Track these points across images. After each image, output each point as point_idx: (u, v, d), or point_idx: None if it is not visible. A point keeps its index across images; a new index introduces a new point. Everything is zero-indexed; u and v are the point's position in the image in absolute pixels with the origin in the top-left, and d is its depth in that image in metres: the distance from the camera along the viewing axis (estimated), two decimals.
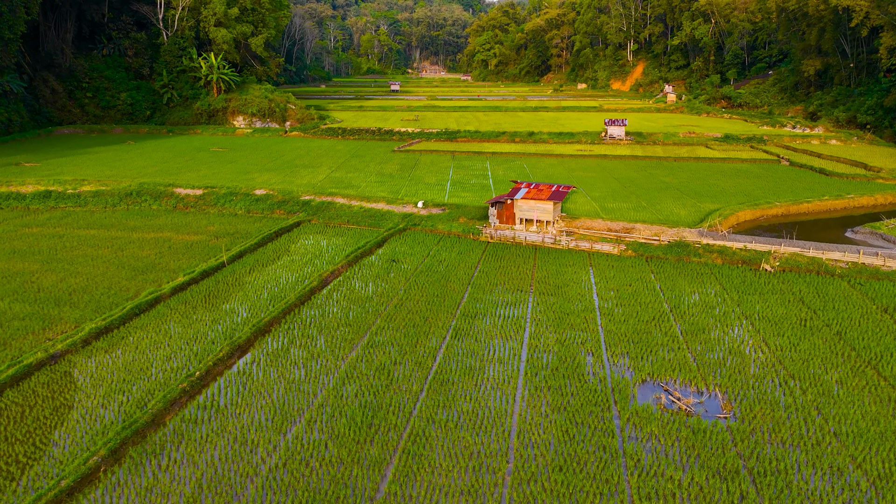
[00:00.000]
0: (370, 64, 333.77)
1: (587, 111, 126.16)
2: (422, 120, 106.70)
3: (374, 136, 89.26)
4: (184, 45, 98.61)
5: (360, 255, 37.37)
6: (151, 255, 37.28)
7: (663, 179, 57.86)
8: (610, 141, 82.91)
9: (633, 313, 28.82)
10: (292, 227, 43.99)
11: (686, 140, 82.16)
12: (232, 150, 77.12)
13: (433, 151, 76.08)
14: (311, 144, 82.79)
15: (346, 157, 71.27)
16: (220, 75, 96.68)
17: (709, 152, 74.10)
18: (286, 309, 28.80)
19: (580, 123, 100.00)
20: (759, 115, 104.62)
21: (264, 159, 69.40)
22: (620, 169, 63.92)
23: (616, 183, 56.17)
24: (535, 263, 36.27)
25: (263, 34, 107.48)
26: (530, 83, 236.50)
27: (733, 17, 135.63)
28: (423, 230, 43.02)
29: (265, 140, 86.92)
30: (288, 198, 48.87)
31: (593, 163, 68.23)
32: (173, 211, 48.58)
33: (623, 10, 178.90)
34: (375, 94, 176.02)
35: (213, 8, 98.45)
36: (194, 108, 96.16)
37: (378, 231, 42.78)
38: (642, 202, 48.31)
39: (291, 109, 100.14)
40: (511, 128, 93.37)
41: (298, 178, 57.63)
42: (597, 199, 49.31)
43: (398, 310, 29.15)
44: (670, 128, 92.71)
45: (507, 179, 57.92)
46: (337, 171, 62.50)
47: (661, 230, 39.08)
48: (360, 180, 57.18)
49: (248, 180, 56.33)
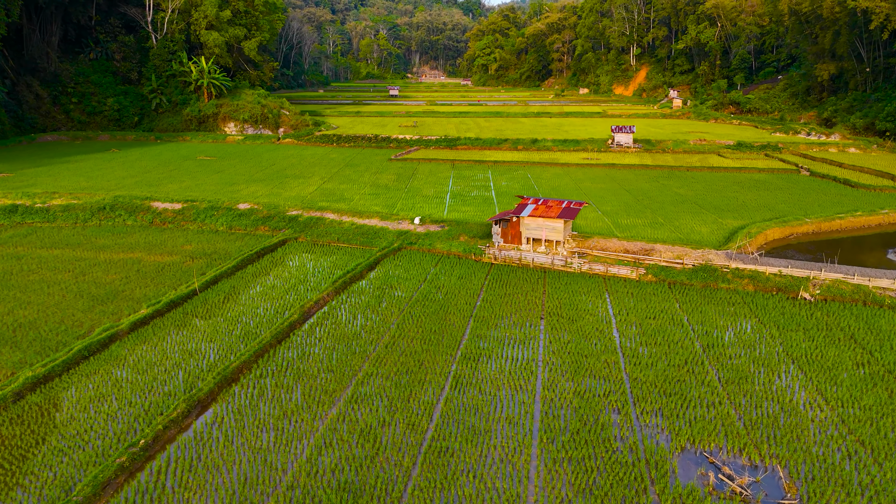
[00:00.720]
0: (369, 69, 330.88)
1: (591, 117, 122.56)
2: (420, 126, 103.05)
3: (370, 144, 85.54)
4: (173, 49, 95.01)
5: (350, 279, 33.48)
6: (116, 280, 33.38)
7: (678, 191, 54.05)
8: (617, 149, 79.19)
9: (660, 355, 24.93)
10: (277, 245, 40.12)
11: (697, 148, 78.43)
12: (220, 158, 73.34)
13: (432, 160, 72.31)
14: (304, 152, 79.02)
15: (339, 167, 67.48)
16: (210, 80, 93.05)
17: (722, 161, 70.34)
18: (260, 350, 24.89)
19: (585, 130, 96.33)
20: (770, 121, 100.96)
21: (253, 169, 65.61)
22: (631, 179, 60.12)
23: (628, 196, 52.35)
24: (545, 290, 32.40)
25: (257, 38, 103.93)
26: (531, 88, 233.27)
27: (740, 20, 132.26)
28: (420, 250, 39.17)
29: (256, 148, 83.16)
30: (274, 213, 45.02)
31: (601, 173, 64.43)
32: (149, 227, 44.71)
33: (626, 13, 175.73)
34: (374, 99, 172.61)
35: (205, 10, 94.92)
36: (184, 114, 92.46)
37: (370, 251, 38.91)
38: (658, 218, 44.45)
39: (285, 115, 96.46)
40: (513, 134, 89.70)
41: (287, 190, 53.80)
42: (609, 215, 45.46)
43: (389, 350, 25.25)
44: (679, 135, 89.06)
45: (510, 191, 54.11)
46: (329, 181, 58.68)
47: (683, 252, 35.22)
48: (354, 192, 53.35)
49: (233, 192, 52.51)
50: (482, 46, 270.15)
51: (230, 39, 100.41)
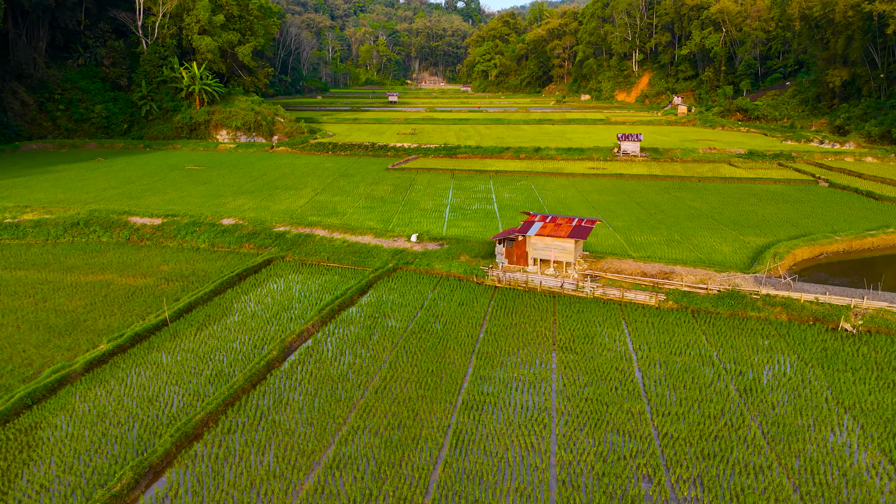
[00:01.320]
0: (369, 75, 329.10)
1: (594, 124, 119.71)
2: (419, 134, 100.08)
3: (366, 152, 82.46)
4: (164, 54, 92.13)
5: (338, 306, 30.22)
6: (80, 307, 30.12)
7: (691, 204, 50.87)
8: (623, 157, 76.11)
9: (692, 402, 21.65)
10: (261, 266, 36.88)
11: (707, 157, 75.36)
12: (210, 167, 70.21)
13: (430, 170, 69.18)
14: (297, 161, 75.91)
15: (333, 177, 64.32)
16: (202, 86, 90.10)
17: (734, 171, 67.24)
18: (231, 396, 21.61)
19: (589, 138, 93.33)
20: (779, 128, 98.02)
21: (242, 179, 62.45)
22: (641, 191, 56.96)
23: (639, 209, 49.16)
24: (556, 319, 29.14)
25: (251, 43, 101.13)
26: (531, 94, 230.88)
27: (746, 25, 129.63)
28: (418, 271, 35.94)
29: (248, 156, 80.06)
30: (260, 229, 41.79)
31: (608, 183, 61.28)
32: (125, 245, 41.49)
33: (628, 19, 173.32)
34: (372, 105, 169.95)
35: (197, 15, 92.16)
36: (174, 121, 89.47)
37: (363, 272, 35.68)
38: (674, 235, 41.24)
39: (279, 122, 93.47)
40: (515, 142, 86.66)
41: (276, 203, 50.61)
42: (621, 231, 42.24)
43: (380, 397, 21.97)
44: (686, 142, 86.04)
45: (513, 204, 50.93)
46: (322, 193, 55.50)
47: (707, 275, 31.98)
48: (347, 206, 50.15)
49: (219, 206, 49.31)
50: (482, 52, 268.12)
51: (223, 44, 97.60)
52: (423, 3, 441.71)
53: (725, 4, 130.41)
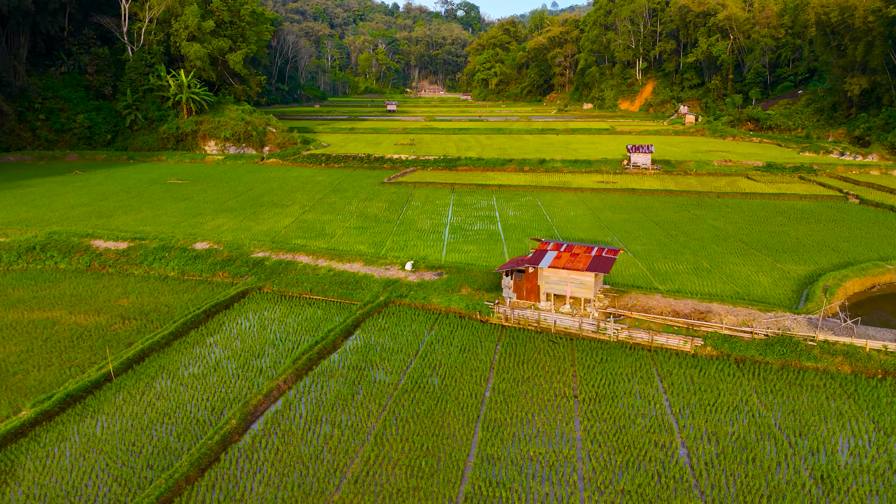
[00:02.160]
0: (368, 83, 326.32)
1: (599, 133, 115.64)
2: (418, 144, 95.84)
3: (361, 164, 78.10)
4: (151, 62, 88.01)
5: (318, 353, 25.63)
6: (13, 355, 25.52)
7: (715, 224, 46.35)
8: (634, 170, 71.75)
9: (759, 498, 16.99)
10: (234, 299, 32.30)
11: (722, 170, 70.99)
12: (194, 181, 65.77)
13: (429, 184, 64.75)
14: (287, 174, 71.50)
15: (324, 192, 59.87)
16: (190, 95, 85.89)
17: (754, 185, 62.84)
18: (169, 490, 16.95)
19: (595, 148, 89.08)
20: (794, 139, 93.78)
21: (226, 195, 57.99)
22: (657, 208, 52.47)
23: (658, 230, 44.61)
24: (575, 371, 24.55)
25: (243, 50, 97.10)
26: (532, 103, 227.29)
27: (754, 32, 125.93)
28: (413, 305, 31.37)
29: (236, 169, 75.64)
30: (236, 255, 37.24)
31: (621, 199, 56.82)
32: (84, 273, 36.92)
33: (631, 26, 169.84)
34: (370, 114, 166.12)
35: (185, 20, 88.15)
36: (160, 131, 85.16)
37: (350, 307, 31.12)
38: (703, 262, 36.68)
39: (271, 133, 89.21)
40: (518, 154, 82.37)
41: (259, 223, 46.08)
42: (641, 257, 37.68)
43: (360, 490, 17.31)
44: (698, 154, 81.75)
45: (519, 224, 46.40)
46: (310, 211, 50.99)
47: (749, 315, 27.39)
48: (336, 226, 45.60)
49: (196, 226, 44.79)
50: (482, 61, 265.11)
51: (213, 52, 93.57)
52: (423, 12, 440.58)
53: (733, 11, 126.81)
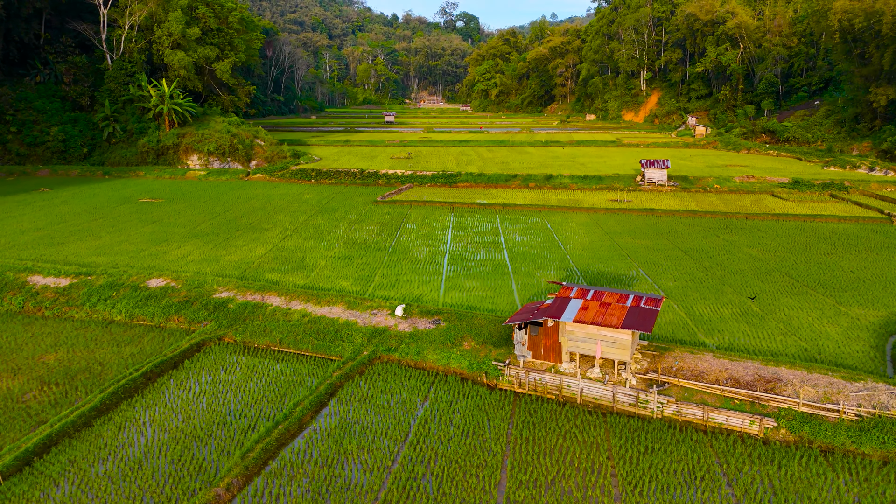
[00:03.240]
0: (366, 94, 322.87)
1: (605, 146, 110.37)
2: (415, 158, 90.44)
3: (354, 180, 72.54)
4: (132, 71, 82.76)
5: (279, 439, 19.76)
6: None
7: (751, 252, 40.61)
8: (649, 187, 66.20)
9: None
10: (187, 353, 26.45)
11: (745, 186, 65.42)
12: (169, 200, 60.14)
13: (426, 203, 59.10)
14: (273, 192, 65.88)
15: (310, 213, 54.19)
16: (172, 105, 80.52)
17: (783, 205, 57.26)
18: None
19: (603, 162, 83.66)
20: (814, 152, 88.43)
21: (201, 216, 52.29)
22: (681, 233, 46.75)
23: (688, 260, 38.84)
24: (614, 466, 18.68)
25: (230, 58, 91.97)
26: (533, 114, 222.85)
27: (765, 41, 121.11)
28: (403, 363, 25.57)
29: (217, 186, 70.02)
30: (196, 294, 31.43)
31: (639, 221, 51.13)
32: (15, 316, 31.10)
33: (635, 36, 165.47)
34: (367, 125, 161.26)
35: (169, 27, 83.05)
36: (139, 144, 79.68)
37: (326, 365, 25.32)
38: (750, 303, 30.87)
39: (259, 146, 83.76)
40: (522, 168, 76.90)
41: (231, 252, 40.31)
42: (676, 296, 31.89)
43: None
44: (715, 168, 76.30)
45: (528, 252, 40.63)
46: (292, 236, 45.25)
47: (830, 384, 21.55)
48: (319, 255, 39.83)
49: (158, 255, 39.03)
50: (482, 71, 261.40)
51: (199, 60, 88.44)
52: (423, 23, 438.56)
53: (743, 19, 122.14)
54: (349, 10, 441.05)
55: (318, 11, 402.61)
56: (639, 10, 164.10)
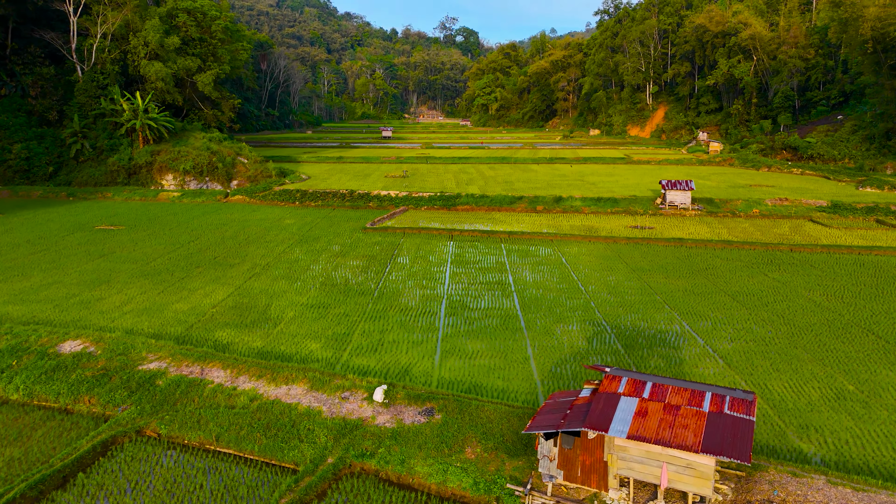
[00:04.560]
0: (365, 108, 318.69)
1: (614, 163, 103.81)
2: (412, 176, 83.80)
3: (343, 203, 65.67)
4: (104, 83, 76.33)
5: None
6: None
7: (813, 298, 33.50)
8: (670, 211, 59.35)
9: None
10: (84, 461, 19.21)
11: (779, 211, 58.55)
12: (130, 227, 53.16)
13: (422, 230, 52.12)
14: (250, 216, 58.95)
15: (288, 243, 47.16)
16: (146, 120, 73.92)
17: (827, 233, 50.33)
18: None
19: (615, 182, 76.98)
20: (843, 170, 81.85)
21: (161, 248, 45.24)
22: (720, 270, 39.67)
23: (739, 309, 31.70)
24: None
25: (213, 70, 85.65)
26: (535, 129, 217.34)
27: (781, 53, 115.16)
28: (382, 476, 18.36)
29: (190, 210, 63.07)
30: (119, 364, 24.26)
31: (668, 255, 44.08)
32: None
33: (641, 48, 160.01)
34: (364, 141, 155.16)
35: (145, 36, 76.79)
36: (108, 163, 72.95)
37: (276, 478, 18.06)
38: (839, 377, 23.65)
39: (241, 164, 77.05)
40: (527, 188, 70.13)
41: (182, 297, 33.20)
42: (739, 367, 24.67)
43: None
44: (739, 189, 69.58)
45: (543, 298, 33.50)
46: (261, 274, 38.17)
47: None
48: (288, 302, 32.71)
49: (89, 304, 31.93)
50: (482, 86, 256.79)
51: (179, 72, 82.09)
52: (422, 38, 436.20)
53: (757, 30, 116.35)
54: (348, 25, 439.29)
55: (317, 26, 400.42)
56: (644, 22, 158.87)
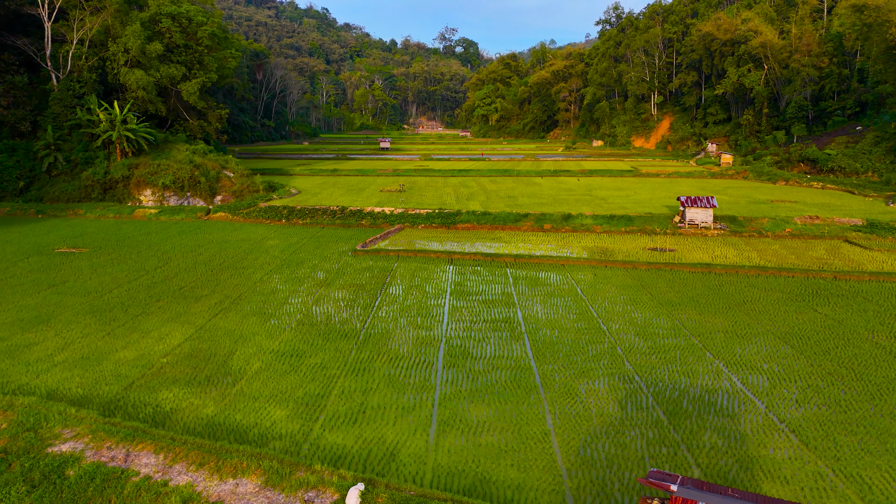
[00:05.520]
0: (364, 119, 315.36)
1: (622, 176, 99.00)
2: (409, 190, 78.91)
3: (333, 220, 60.58)
4: (80, 92, 71.52)
5: None
6: None
7: (883, 344, 28.15)
8: (690, 230, 54.25)
9: None
10: None
11: (810, 230, 53.44)
12: (95, 250, 47.97)
13: (418, 253, 46.94)
14: (231, 237, 53.80)
15: (267, 269, 41.96)
16: (124, 132, 69.02)
17: (870, 257, 45.19)
18: None
19: (626, 197, 72.00)
20: (867, 184, 76.96)
21: (121, 276, 40.00)
22: (759, 303, 34.41)
23: (797, 358, 26.36)
24: None
25: (199, 78, 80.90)
26: (536, 139, 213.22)
27: (793, 62, 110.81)
28: None
29: (167, 228, 57.91)
30: (24, 446, 18.87)
31: (696, 283, 38.85)
32: None
33: (646, 57, 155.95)
34: (361, 152, 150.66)
35: (125, 42, 72.11)
36: (82, 177, 67.95)
37: None
38: None
39: (226, 178, 72.07)
40: (532, 204, 65.09)
41: (129, 343, 27.88)
42: (814, 443, 19.29)
43: None
44: (761, 205, 64.58)
45: (560, 342, 28.22)
46: (229, 310, 32.90)
47: None
48: (255, 349, 27.39)
49: (12, 353, 26.61)
50: (482, 96, 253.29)
51: (162, 80, 77.36)
52: (421, 48, 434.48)
53: (768, 38, 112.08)
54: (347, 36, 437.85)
55: (316, 37, 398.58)
56: (648, 30, 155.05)
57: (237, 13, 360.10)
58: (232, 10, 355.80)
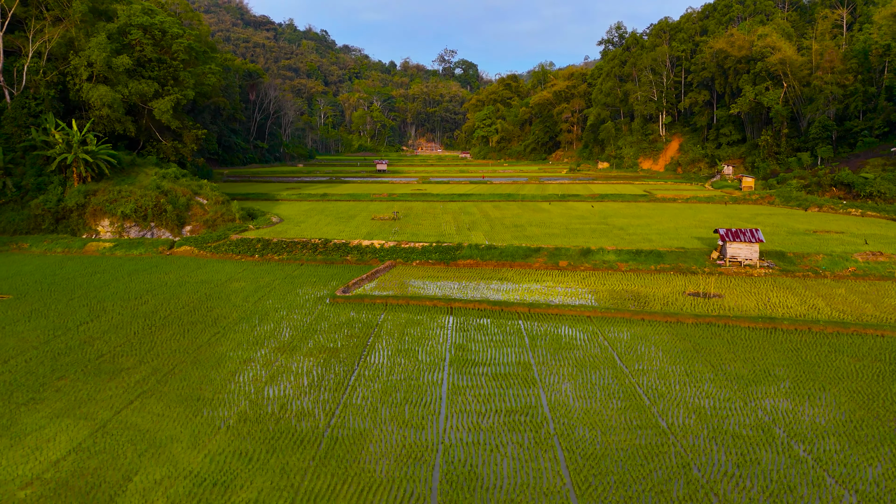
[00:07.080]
0: (362, 141, 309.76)
1: (636, 201, 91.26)
2: (404, 217, 70.93)
3: (314, 256, 52.36)
4: (36, 110, 63.98)
5: None
6: None
7: None
8: (732, 268, 46.02)
9: None
10: None
11: (875, 270, 45.21)
12: (18, 297, 39.59)
13: (410, 300, 38.56)
14: (190, 277, 45.46)
15: (221, 326, 33.51)
16: (82, 154, 61.22)
17: None
18: None
19: (648, 226, 63.96)
20: None
21: (32, 335, 31.52)
22: (854, 377, 25.97)
23: None
24: None
25: (173, 95, 73.40)
26: (537, 161, 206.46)
27: (814, 79, 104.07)
28: None
29: (119, 267, 49.56)
30: None
31: (764, 344, 30.42)
32: None
33: (653, 76, 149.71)
34: (356, 174, 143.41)
35: (88, 55, 64.77)
36: (31, 206, 59.90)
37: None
38: None
39: (198, 206, 64.04)
40: (543, 234, 56.93)
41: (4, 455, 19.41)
42: None
43: None
44: (806, 237, 56.57)
45: (605, 453, 19.68)
46: (149, 395, 24.42)
47: None
48: (164, 472, 18.78)
49: None
50: (482, 117, 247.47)
51: (131, 97, 69.91)
52: (420, 70, 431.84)
53: (787, 54, 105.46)
54: (346, 58, 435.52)
55: (315, 58, 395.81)
56: (655, 49, 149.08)
57: (235, 34, 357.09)
58: (230, 32, 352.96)
